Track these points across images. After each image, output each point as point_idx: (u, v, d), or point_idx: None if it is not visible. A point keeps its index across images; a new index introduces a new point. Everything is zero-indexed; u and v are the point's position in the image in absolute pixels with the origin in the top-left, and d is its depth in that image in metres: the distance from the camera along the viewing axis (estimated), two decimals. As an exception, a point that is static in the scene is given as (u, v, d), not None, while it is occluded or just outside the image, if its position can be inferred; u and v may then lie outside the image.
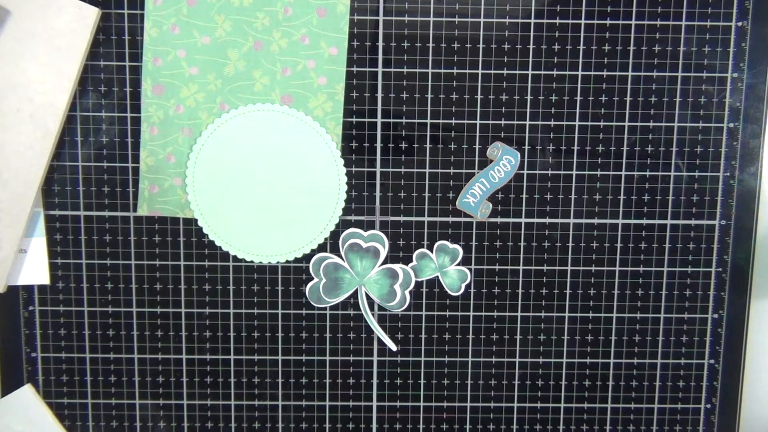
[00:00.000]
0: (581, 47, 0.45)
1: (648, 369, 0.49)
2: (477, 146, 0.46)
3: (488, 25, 0.45)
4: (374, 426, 0.49)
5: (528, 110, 0.46)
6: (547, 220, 0.47)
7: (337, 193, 0.46)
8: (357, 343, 0.48)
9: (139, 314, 0.48)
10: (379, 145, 0.46)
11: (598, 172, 0.47)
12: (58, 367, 0.48)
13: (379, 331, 0.48)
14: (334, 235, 0.47)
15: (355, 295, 0.48)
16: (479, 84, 0.46)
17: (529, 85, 0.46)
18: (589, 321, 0.48)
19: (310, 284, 0.47)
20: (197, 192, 0.46)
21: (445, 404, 0.49)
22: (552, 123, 0.46)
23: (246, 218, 0.46)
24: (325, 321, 0.48)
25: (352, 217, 0.47)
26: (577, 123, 0.46)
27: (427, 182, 0.47)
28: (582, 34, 0.45)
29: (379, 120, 0.46)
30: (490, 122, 0.46)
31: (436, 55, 0.45)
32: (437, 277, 0.48)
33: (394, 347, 0.48)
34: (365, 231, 0.47)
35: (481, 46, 0.45)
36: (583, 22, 0.45)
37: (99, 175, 0.46)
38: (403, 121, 0.46)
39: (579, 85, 0.46)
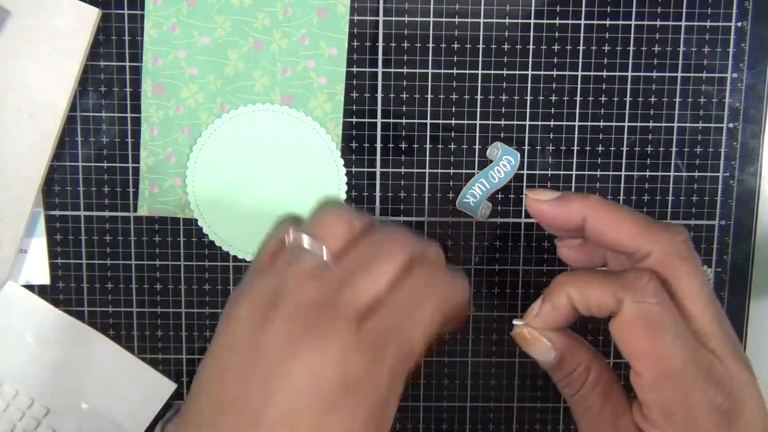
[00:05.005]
0: (581, 47, 0.45)
1: (648, 369, 0.49)
2: (477, 146, 0.46)
3: (488, 25, 0.45)
4: (374, 426, 0.49)
5: (528, 110, 0.46)
6: (547, 220, 0.47)
7: (337, 194, 0.46)
8: (357, 343, 0.48)
9: (139, 314, 0.48)
10: (379, 145, 0.46)
11: (598, 172, 0.47)
12: (58, 367, 0.48)
13: (379, 331, 0.48)
14: (334, 235, 0.47)
15: (355, 295, 0.48)
16: (479, 84, 0.46)
17: (529, 85, 0.46)
18: (589, 321, 0.48)
19: (310, 284, 0.47)
20: (197, 192, 0.46)
21: (445, 404, 0.49)
22: (552, 123, 0.46)
23: (246, 218, 0.46)
24: (325, 321, 0.48)
25: (352, 217, 0.47)
26: (577, 123, 0.46)
27: (427, 182, 0.47)
28: (582, 34, 0.45)
29: (379, 120, 0.46)
30: (490, 122, 0.46)
31: (436, 55, 0.45)
32: (437, 277, 0.48)
33: (394, 347, 0.48)
34: (365, 231, 0.47)
35: (481, 46, 0.45)
36: (583, 22, 0.45)
37: (99, 175, 0.46)
38: (403, 121, 0.46)
39: (579, 85, 0.46)
